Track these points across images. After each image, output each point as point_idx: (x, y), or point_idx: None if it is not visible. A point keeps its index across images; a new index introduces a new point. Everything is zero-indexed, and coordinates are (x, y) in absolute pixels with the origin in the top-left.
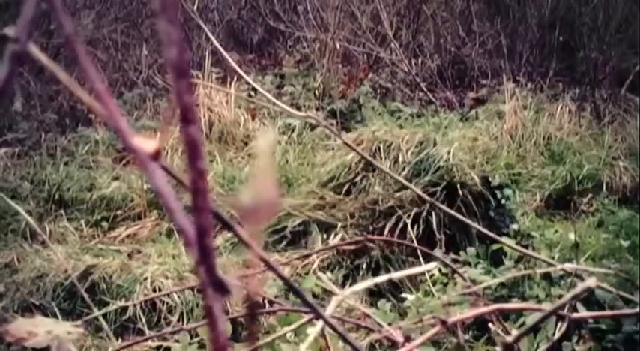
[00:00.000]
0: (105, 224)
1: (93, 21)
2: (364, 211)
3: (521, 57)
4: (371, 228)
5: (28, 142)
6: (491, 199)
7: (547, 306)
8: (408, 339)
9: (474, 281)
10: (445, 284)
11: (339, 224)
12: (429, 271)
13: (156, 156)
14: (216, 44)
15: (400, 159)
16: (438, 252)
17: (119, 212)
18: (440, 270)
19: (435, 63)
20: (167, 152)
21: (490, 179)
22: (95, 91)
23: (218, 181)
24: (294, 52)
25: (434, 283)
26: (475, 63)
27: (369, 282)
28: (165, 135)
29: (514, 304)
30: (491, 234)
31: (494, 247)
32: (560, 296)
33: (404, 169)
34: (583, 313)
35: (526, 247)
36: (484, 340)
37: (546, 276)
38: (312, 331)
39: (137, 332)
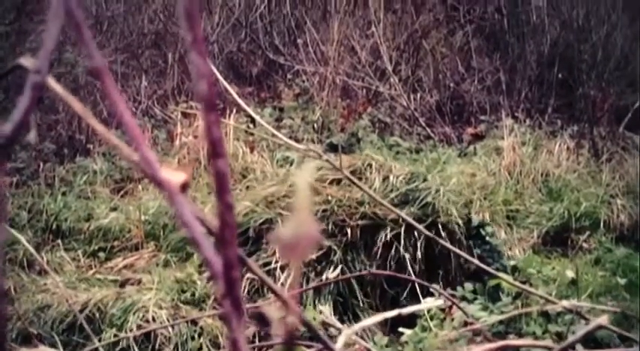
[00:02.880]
0: (102, 255)
1: None
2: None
3: (520, 93)
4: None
5: (26, 172)
6: (476, 238)
7: (549, 342)
8: None
9: (473, 318)
10: (442, 319)
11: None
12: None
13: (183, 189)
14: (218, 75)
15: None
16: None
17: (116, 243)
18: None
19: (434, 98)
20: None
21: (472, 218)
22: (122, 121)
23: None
24: (294, 85)
25: (431, 318)
26: (474, 99)
27: (379, 317)
28: (191, 168)
29: (520, 340)
30: (489, 269)
31: (492, 283)
32: (557, 333)
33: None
34: None
35: (523, 283)
36: None
37: (544, 313)
38: None
39: None
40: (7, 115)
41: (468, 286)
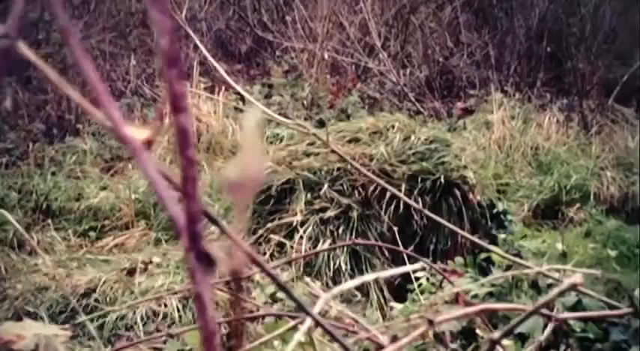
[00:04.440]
0: (92, 234)
1: (81, 31)
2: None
3: (509, 67)
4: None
5: (15, 152)
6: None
7: (525, 306)
8: (394, 339)
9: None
10: (433, 293)
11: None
12: (417, 280)
13: (148, 145)
14: (206, 53)
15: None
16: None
17: (107, 222)
18: (427, 279)
19: (423, 73)
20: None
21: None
22: (88, 82)
23: (206, 190)
24: (283, 62)
25: (422, 293)
26: (463, 73)
27: (357, 281)
28: (158, 126)
29: (500, 304)
30: (480, 242)
31: (483, 256)
32: (548, 305)
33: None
34: (569, 313)
35: (514, 256)
36: (472, 348)
37: (534, 285)
38: (299, 332)
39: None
40: None
41: (459, 259)
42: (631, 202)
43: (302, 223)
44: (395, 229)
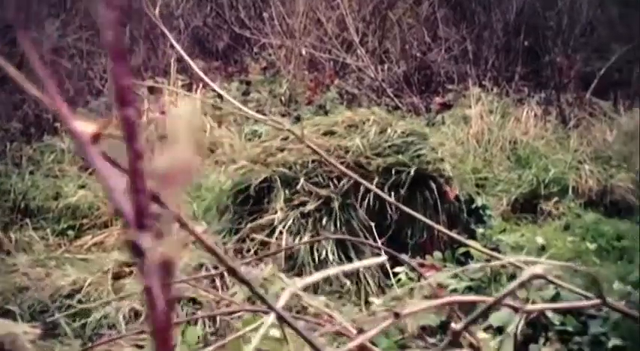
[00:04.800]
0: (71, 233)
1: (57, 29)
2: None
3: (487, 62)
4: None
5: None
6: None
7: (489, 298)
8: (360, 331)
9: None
10: (412, 289)
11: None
12: (395, 275)
13: (95, 139)
14: (180, 51)
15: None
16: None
17: (85, 221)
18: (407, 274)
19: (402, 69)
20: None
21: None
22: (35, 71)
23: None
24: (260, 58)
25: (401, 287)
26: (441, 68)
27: (321, 274)
28: (107, 120)
29: (463, 296)
30: (455, 235)
31: (461, 250)
32: (527, 299)
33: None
34: (536, 305)
35: (492, 250)
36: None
37: (513, 278)
38: (264, 325)
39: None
40: None
41: (437, 254)
42: (609, 195)
43: (283, 220)
44: (370, 222)
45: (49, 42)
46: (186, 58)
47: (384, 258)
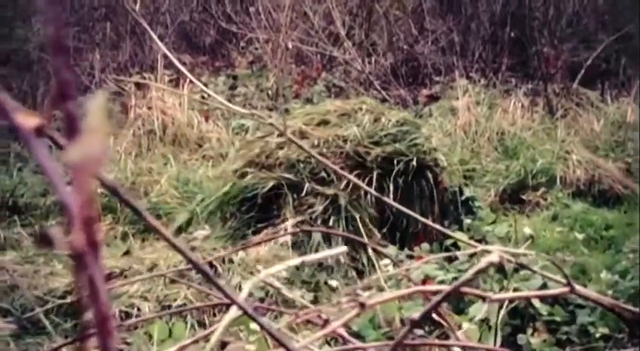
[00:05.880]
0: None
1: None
2: None
3: (474, 53)
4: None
5: None
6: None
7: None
8: (326, 322)
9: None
10: (399, 280)
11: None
12: (385, 266)
13: (39, 131)
14: (163, 48)
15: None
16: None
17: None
18: (395, 265)
19: (388, 61)
20: (120, 156)
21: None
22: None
23: (172, 183)
24: (247, 53)
25: (387, 280)
26: (428, 60)
27: (283, 265)
28: (48, 112)
29: (434, 286)
30: (441, 228)
31: (448, 242)
32: (515, 289)
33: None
34: (504, 294)
35: (479, 241)
36: (438, 334)
37: (500, 270)
38: (225, 319)
39: None
40: None
41: (425, 246)
42: (597, 185)
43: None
44: (371, 212)
45: (36, 38)
46: (169, 54)
47: (344, 248)
